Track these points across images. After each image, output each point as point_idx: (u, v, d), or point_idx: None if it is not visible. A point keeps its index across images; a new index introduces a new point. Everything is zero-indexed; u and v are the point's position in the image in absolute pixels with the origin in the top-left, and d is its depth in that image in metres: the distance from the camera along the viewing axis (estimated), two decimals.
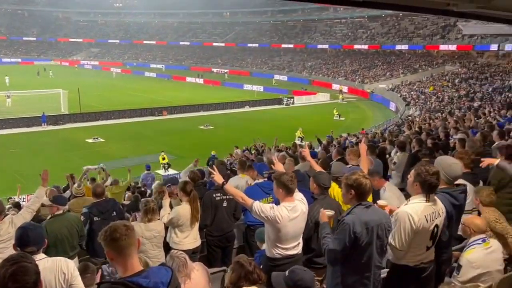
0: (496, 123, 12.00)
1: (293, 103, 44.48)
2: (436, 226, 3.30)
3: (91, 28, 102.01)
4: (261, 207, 3.65)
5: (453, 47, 50.02)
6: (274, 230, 3.69)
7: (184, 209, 5.10)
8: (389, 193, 4.60)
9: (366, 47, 62.69)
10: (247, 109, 41.20)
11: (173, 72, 71.83)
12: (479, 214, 4.32)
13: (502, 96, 29.17)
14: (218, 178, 3.97)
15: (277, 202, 3.83)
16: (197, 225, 5.25)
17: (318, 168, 4.91)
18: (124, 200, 9.52)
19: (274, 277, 3.18)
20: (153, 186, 7.78)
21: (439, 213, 3.32)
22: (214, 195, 5.47)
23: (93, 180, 10.39)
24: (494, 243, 3.77)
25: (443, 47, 51.15)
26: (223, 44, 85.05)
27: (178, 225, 5.13)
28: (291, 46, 74.43)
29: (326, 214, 3.49)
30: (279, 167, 4.54)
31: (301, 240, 3.89)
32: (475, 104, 27.63)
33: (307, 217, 3.97)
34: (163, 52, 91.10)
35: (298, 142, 24.85)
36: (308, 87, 54.48)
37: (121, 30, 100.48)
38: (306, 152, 5.41)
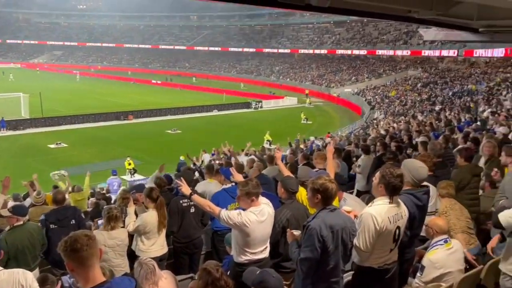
0: (456, 126, 12.45)
1: (261, 107, 44.70)
2: (398, 228, 3.36)
3: (54, 30, 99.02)
4: (229, 215, 3.62)
5: (406, 53, 52.64)
6: (242, 235, 3.66)
7: (150, 216, 5.00)
8: (351, 201, 4.67)
9: (332, 51, 63.96)
10: (215, 112, 41.07)
11: (139, 76, 70.70)
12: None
13: (461, 100, 30.31)
14: (185, 189, 3.96)
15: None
16: (164, 231, 5.16)
17: (286, 172, 4.93)
18: (88, 207, 9.25)
19: (247, 273, 3.15)
20: (118, 192, 7.59)
21: (401, 215, 3.38)
22: (181, 201, 5.39)
23: (55, 187, 10.05)
24: (456, 244, 3.89)
25: (399, 52, 53.64)
26: (190, 48, 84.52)
27: (145, 233, 5.02)
28: (258, 50, 74.82)
29: (293, 234, 3.45)
30: (238, 178, 4.53)
31: (268, 244, 3.89)
32: (437, 108, 28.59)
33: (274, 221, 3.97)
34: (129, 55, 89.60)
35: (266, 145, 25.00)
36: (276, 91, 54.91)
37: (85, 33, 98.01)
38: (278, 156, 5.40)
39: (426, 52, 47.73)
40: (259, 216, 3.65)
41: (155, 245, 5.08)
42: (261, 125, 32.48)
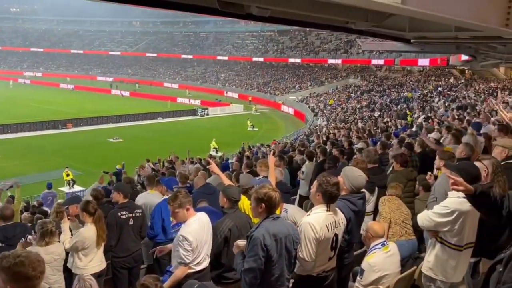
0: (393, 132, 13.05)
1: (207, 114, 44.44)
2: (336, 235, 3.43)
3: None
4: (184, 247, 3.67)
5: (338, 61, 55.74)
6: (195, 248, 3.69)
7: (88, 231, 4.75)
8: (292, 210, 4.72)
9: (277, 59, 65.14)
10: (160, 120, 40.26)
11: (78, 82, 67.80)
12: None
13: (398, 107, 31.93)
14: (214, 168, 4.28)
15: None
16: (102, 246, 4.93)
17: (227, 181, 4.89)
18: (21, 221, 8.65)
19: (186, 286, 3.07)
20: (53, 206, 7.17)
21: (339, 223, 3.46)
22: (119, 214, 5.18)
23: (12, 198, 9.19)
24: (393, 247, 4.04)
25: (331, 61, 56.30)
26: (133, 54, 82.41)
27: (83, 249, 4.76)
28: (203, 57, 74.53)
29: (238, 245, 3.42)
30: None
31: (208, 253, 3.88)
32: (375, 114, 29.90)
33: (216, 231, 3.97)
34: (68, 61, 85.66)
35: (213, 153, 24.86)
36: (222, 98, 54.90)
37: (19, 37, 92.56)
38: (213, 167, 5.33)
39: (374, 61, 49.83)
40: (199, 223, 3.71)
41: (94, 261, 4.85)
42: (207, 133, 32.27)
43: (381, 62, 48.73)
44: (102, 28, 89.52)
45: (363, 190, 3.99)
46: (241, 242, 3.37)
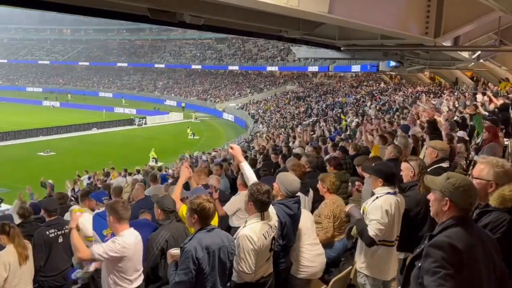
0: (328, 137, 13.50)
1: (145, 123, 43.32)
2: (274, 238, 3.49)
3: None
4: (104, 248, 3.46)
5: (275, 68, 57.46)
6: (123, 263, 3.52)
7: (8, 253, 4.36)
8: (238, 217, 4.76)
9: (215, 67, 65.23)
10: (94, 131, 38.64)
11: (5, 94, 63.41)
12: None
13: (333, 112, 33.14)
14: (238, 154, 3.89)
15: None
16: (28, 264, 4.53)
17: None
18: None
19: None
20: None
21: (274, 227, 3.51)
22: (47, 232, 4.87)
23: None
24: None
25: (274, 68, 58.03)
26: (63, 63, 78.62)
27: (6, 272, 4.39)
28: (140, 65, 72.84)
29: (171, 254, 3.34)
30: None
31: (142, 269, 3.78)
32: (312, 120, 30.83)
33: (151, 243, 3.91)
34: None
35: (152, 163, 24.26)
36: (161, 107, 53.86)
37: None
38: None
39: (310, 68, 51.55)
40: (133, 238, 3.61)
41: (20, 284, 4.49)
42: (146, 142, 31.43)
43: (316, 69, 50.44)
44: (29, 36, 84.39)
45: (299, 194, 4.07)
46: (174, 251, 3.31)
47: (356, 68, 42.30)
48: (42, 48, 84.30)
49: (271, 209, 3.52)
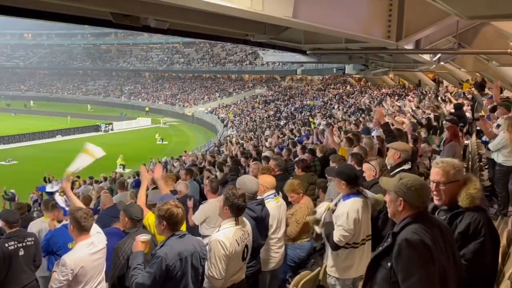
0: (297, 139, 13.62)
1: (112, 130, 42.38)
2: (246, 246, 3.46)
3: None
4: (60, 272, 3.35)
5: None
6: (78, 278, 3.42)
7: None
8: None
9: (183, 71, 64.71)
10: (59, 138, 37.49)
11: None
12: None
13: (302, 115, 33.52)
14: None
15: None
16: None
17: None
18: None
19: None
20: None
21: (248, 233, 3.50)
22: (6, 245, 4.65)
23: None
24: (281, 199, 4.52)
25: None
26: (25, 69, 75.98)
27: None
28: (105, 70, 71.35)
29: (140, 240, 3.28)
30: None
31: (103, 277, 3.69)
32: (281, 123, 31.05)
33: (117, 252, 3.78)
34: None
35: (120, 170, 23.78)
36: (128, 112, 52.88)
37: None
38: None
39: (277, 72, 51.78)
40: (91, 248, 3.51)
41: None
42: (113, 149, 30.67)
43: (283, 72, 50.90)
44: None
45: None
46: (144, 237, 3.28)
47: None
48: (2, 53, 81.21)
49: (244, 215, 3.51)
